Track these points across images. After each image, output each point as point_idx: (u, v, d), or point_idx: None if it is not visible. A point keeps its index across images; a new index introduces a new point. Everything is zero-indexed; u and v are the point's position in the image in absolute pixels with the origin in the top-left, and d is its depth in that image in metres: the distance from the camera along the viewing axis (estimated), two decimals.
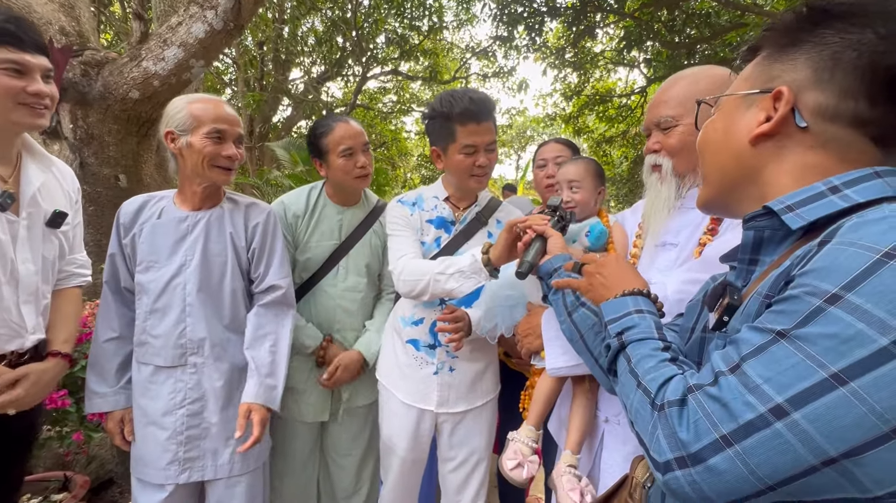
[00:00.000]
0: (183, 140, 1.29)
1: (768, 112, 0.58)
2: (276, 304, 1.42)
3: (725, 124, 0.65)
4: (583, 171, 1.36)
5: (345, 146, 1.57)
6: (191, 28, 2.24)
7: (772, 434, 0.43)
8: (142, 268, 1.34)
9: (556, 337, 1.14)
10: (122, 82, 2.24)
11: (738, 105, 0.63)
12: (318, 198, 1.69)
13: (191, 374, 1.34)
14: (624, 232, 1.30)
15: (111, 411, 1.37)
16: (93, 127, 2.30)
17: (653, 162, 1.13)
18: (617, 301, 0.74)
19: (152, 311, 1.33)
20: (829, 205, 0.52)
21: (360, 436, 1.72)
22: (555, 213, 1.20)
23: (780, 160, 0.59)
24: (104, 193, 2.39)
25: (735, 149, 0.62)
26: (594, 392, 1.21)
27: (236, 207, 1.44)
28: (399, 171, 12.48)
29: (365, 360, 1.61)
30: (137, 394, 1.36)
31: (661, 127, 1.09)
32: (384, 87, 11.00)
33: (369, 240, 1.70)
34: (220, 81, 9.37)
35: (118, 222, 1.37)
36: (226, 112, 1.33)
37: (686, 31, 6.67)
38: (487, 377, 1.52)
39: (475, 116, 1.34)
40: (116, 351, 1.38)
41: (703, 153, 0.69)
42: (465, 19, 8.74)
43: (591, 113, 9.37)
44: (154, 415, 1.32)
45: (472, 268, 1.27)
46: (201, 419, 1.34)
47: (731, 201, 0.66)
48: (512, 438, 1.22)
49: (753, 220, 0.60)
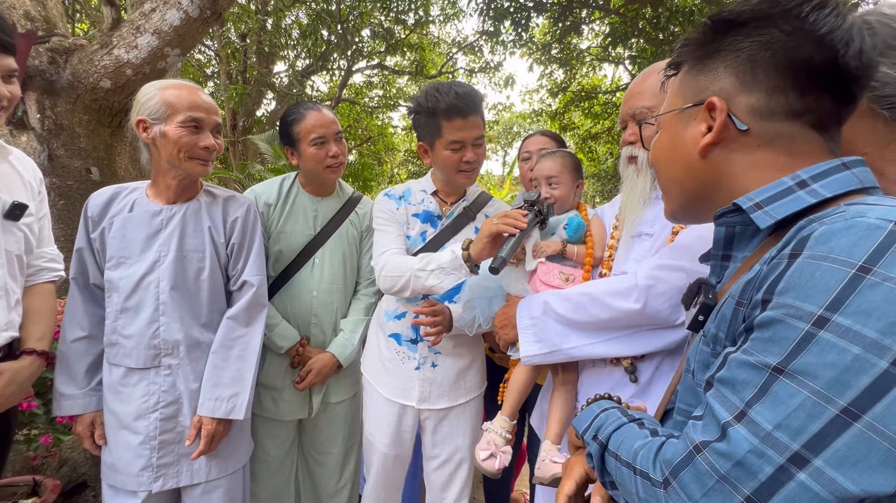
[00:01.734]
0: (156, 129, 1.22)
1: (707, 122, 0.61)
2: (248, 306, 1.36)
3: (671, 140, 0.67)
4: (560, 166, 1.34)
5: (316, 135, 1.52)
6: (165, 15, 2.16)
7: (798, 488, 0.40)
8: (112, 264, 1.27)
9: (530, 325, 1.14)
10: (92, 71, 2.15)
11: (678, 121, 0.66)
12: (290, 187, 1.64)
13: (165, 376, 1.27)
14: (602, 225, 1.30)
15: (81, 414, 1.30)
16: (61, 117, 2.21)
17: (629, 153, 1.13)
18: (583, 413, 0.74)
19: (123, 310, 1.26)
20: (796, 201, 0.53)
21: (340, 433, 1.68)
22: (532, 208, 1.20)
23: (732, 165, 0.60)
24: (75, 187, 2.30)
25: (686, 162, 0.64)
26: (571, 383, 1.21)
27: (214, 201, 1.37)
28: (386, 167, 12.37)
29: (339, 363, 1.58)
30: (108, 397, 1.29)
31: (636, 118, 1.10)
32: (370, 81, 10.87)
33: (346, 230, 1.66)
34: (202, 74, 9.14)
35: (86, 215, 1.30)
36: (202, 99, 1.25)
37: (670, 29, 6.72)
38: (472, 374, 1.50)
39: (461, 111, 1.31)
40: (86, 351, 1.31)
41: (657, 170, 0.72)
42: (451, 14, 8.68)
43: (576, 109, 9.41)
44: (126, 418, 1.26)
45: (453, 264, 1.25)
46: (176, 423, 1.28)
47: (698, 210, 0.68)
48: (486, 429, 1.22)
49: (724, 217, 0.61)
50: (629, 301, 1.02)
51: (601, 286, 1.09)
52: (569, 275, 1.24)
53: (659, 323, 1.02)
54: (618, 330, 1.06)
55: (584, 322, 1.08)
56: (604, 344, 1.07)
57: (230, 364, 1.30)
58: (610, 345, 1.06)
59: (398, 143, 12.73)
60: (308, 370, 1.54)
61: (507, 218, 1.16)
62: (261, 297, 1.39)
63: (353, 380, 1.72)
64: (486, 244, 1.20)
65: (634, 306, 1.01)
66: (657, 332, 1.03)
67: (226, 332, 1.33)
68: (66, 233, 2.31)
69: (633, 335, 1.05)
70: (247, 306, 1.35)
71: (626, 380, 1.10)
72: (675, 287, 0.99)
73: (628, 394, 1.09)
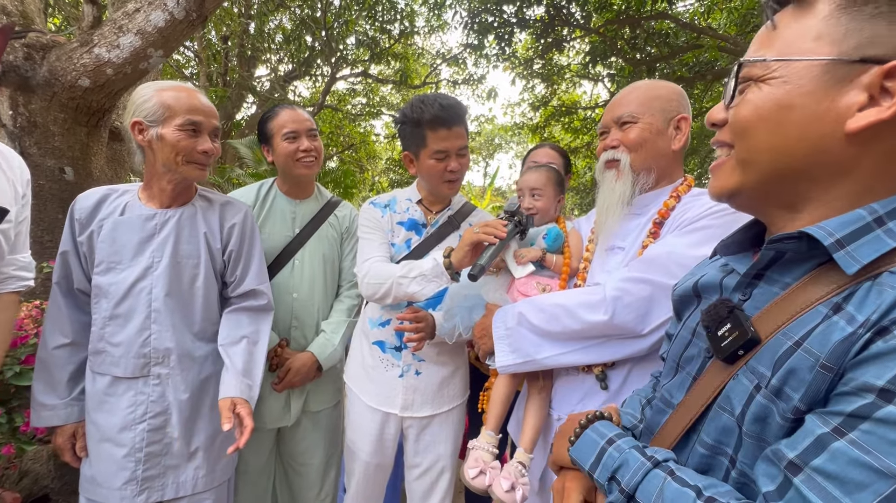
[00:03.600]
0: (153, 132, 1.18)
1: (871, 91, 0.46)
2: (258, 309, 1.35)
3: (796, 100, 0.50)
4: (545, 179, 1.40)
5: (288, 129, 1.54)
6: (149, 16, 2.13)
7: None
8: (101, 269, 1.22)
9: (506, 335, 1.17)
10: (70, 68, 2.10)
11: (818, 76, 0.49)
12: (268, 190, 1.65)
13: (154, 386, 1.22)
14: (579, 236, 1.36)
15: (61, 425, 1.24)
16: (36, 115, 2.14)
17: (609, 157, 1.18)
18: (583, 442, 0.67)
19: (112, 317, 1.21)
20: (877, 241, 0.46)
21: (320, 442, 1.66)
22: (513, 218, 1.23)
23: (878, 158, 0.48)
24: (47, 186, 2.22)
25: (815, 137, 0.49)
26: (547, 390, 1.24)
27: (210, 206, 1.34)
28: (367, 174, 12.33)
29: (319, 365, 1.56)
30: (91, 408, 1.23)
31: (620, 123, 1.16)
32: (354, 88, 10.86)
33: (325, 232, 1.66)
34: (181, 75, 8.96)
35: (73, 217, 1.24)
36: (201, 102, 1.23)
37: (647, 50, 6.99)
38: (455, 381, 1.52)
39: (446, 122, 1.34)
40: (69, 359, 1.25)
41: (750, 133, 0.54)
42: (436, 26, 8.79)
43: (557, 124, 9.63)
44: (109, 430, 1.20)
45: (434, 271, 1.28)
46: (163, 434, 1.23)
47: (767, 199, 0.57)
48: (472, 446, 1.23)
49: (780, 242, 0.53)
50: (598, 313, 1.06)
51: (573, 297, 1.13)
52: (545, 285, 1.28)
53: (626, 333, 1.06)
54: (588, 339, 1.10)
55: (556, 332, 1.12)
56: (575, 353, 1.11)
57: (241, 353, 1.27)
58: (581, 354, 1.10)
59: (380, 151, 12.71)
60: (286, 370, 1.52)
61: (488, 227, 1.20)
62: (270, 304, 1.39)
63: (334, 389, 1.70)
64: (466, 252, 1.23)
65: (603, 317, 1.05)
66: (625, 342, 1.08)
67: (235, 320, 1.31)
68: (35, 233, 2.22)
69: (602, 344, 1.09)
70: (256, 309, 1.35)
71: (597, 387, 1.14)
72: (641, 298, 1.03)
73: (599, 400, 1.13)
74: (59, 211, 2.25)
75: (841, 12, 0.48)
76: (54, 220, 2.25)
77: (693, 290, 0.72)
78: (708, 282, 0.69)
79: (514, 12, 6.58)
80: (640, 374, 1.11)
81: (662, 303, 1.02)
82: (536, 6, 6.45)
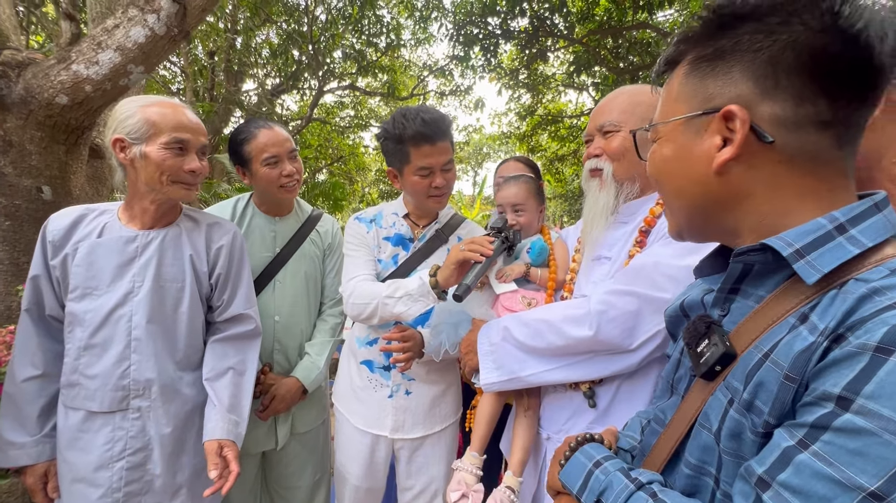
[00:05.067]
0: (136, 150, 1.11)
1: (722, 134, 0.53)
2: (245, 335, 1.28)
3: (676, 152, 0.59)
4: (524, 193, 1.36)
5: (269, 154, 1.46)
6: (129, 32, 2.10)
7: None
8: (76, 295, 1.13)
9: (490, 352, 1.14)
10: (47, 86, 2.05)
11: (683, 130, 0.57)
12: (245, 208, 1.57)
13: (133, 420, 1.14)
14: (565, 247, 1.33)
15: (32, 465, 1.15)
16: (11, 133, 2.08)
17: (593, 166, 1.15)
18: (571, 464, 0.67)
19: (88, 347, 1.13)
20: (839, 249, 0.48)
21: (307, 466, 1.60)
22: (500, 234, 1.21)
23: (752, 183, 0.53)
24: (24, 206, 2.16)
25: (697, 178, 0.57)
26: (535, 409, 1.20)
27: (196, 226, 1.26)
28: (357, 186, 12.30)
29: (304, 388, 1.51)
30: (63, 446, 1.14)
31: (603, 131, 1.13)
32: (341, 101, 10.88)
33: (307, 250, 1.60)
34: (167, 90, 8.90)
35: (45, 239, 1.16)
36: (188, 118, 1.16)
37: (629, 59, 7.12)
38: (447, 401, 1.48)
39: (429, 138, 1.29)
40: (39, 392, 1.16)
41: (660, 184, 0.64)
42: (422, 38, 8.86)
43: (543, 132, 9.73)
44: (84, 470, 1.12)
45: (420, 290, 1.24)
46: (143, 471, 1.15)
47: (705, 229, 0.62)
48: (456, 467, 1.19)
49: (745, 255, 0.54)
50: (583, 328, 1.02)
51: (558, 312, 1.09)
52: (531, 299, 1.25)
53: (612, 348, 1.02)
54: (574, 356, 1.06)
55: (541, 348, 1.08)
56: (561, 370, 1.07)
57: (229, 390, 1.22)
58: (567, 370, 1.06)
59: (369, 163, 12.72)
60: (271, 397, 1.46)
61: (474, 244, 1.17)
62: (259, 329, 1.32)
63: (320, 408, 1.65)
64: (453, 271, 1.20)
65: (587, 333, 1.01)
66: (612, 357, 1.04)
67: (221, 359, 1.24)
68: (12, 255, 2.16)
69: (588, 360, 1.05)
70: (243, 336, 1.28)
71: (585, 405, 1.10)
72: (627, 312, 0.99)
73: (588, 419, 1.09)
74: (36, 231, 2.16)
75: (686, 77, 0.57)
76: (31, 241, 2.18)
77: (681, 310, 0.72)
78: (692, 301, 0.69)
79: (498, 24, 6.66)
80: (629, 391, 1.07)
81: (650, 316, 0.98)
82: (520, 18, 6.54)
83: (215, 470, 1.08)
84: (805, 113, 0.49)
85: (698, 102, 0.55)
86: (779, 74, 0.49)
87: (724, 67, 0.53)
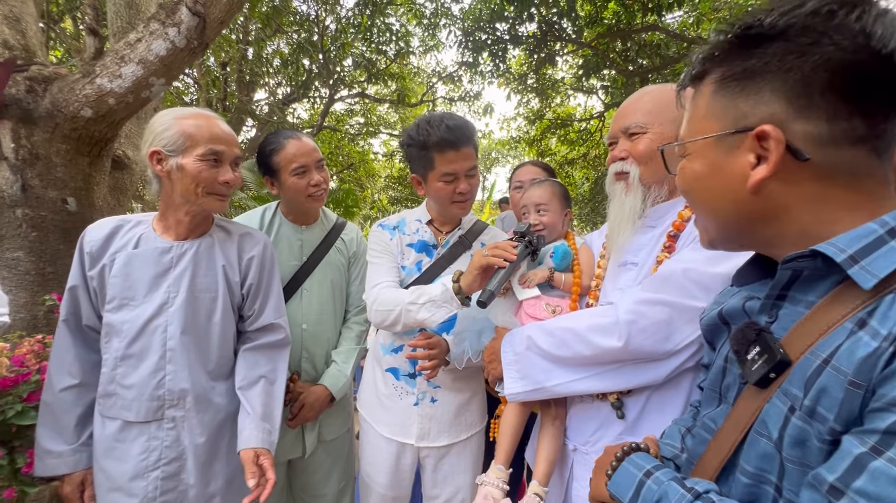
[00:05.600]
0: (172, 161, 1.12)
1: (756, 152, 0.53)
2: (275, 345, 1.29)
3: (707, 169, 0.59)
4: (549, 193, 1.36)
5: (297, 164, 1.48)
6: (151, 45, 2.14)
7: None
8: (113, 306, 1.15)
9: (514, 361, 1.11)
10: (72, 100, 2.10)
11: (715, 147, 0.57)
12: (272, 217, 1.60)
13: (168, 430, 1.15)
14: (590, 253, 1.30)
15: (69, 474, 1.16)
16: (38, 146, 2.13)
17: (619, 169, 1.11)
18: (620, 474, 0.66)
19: (124, 357, 1.14)
20: (892, 254, 0.47)
21: (332, 473, 1.60)
22: (523, 239, 1.20)
23: (789, 198, 0.53)
24: (49, 217, 2.20)
25: (731, 195, 0.57)
26: (561, 419, 1.17)
27: (228, 237, 1.28)
28: (367, 192, 12.38)
29: (332, 396, 1.52)
30: (100, 454, 1.15)
31: (629, 133, 1.09)
32: (352, 109, 10.99)
33: (333, 258, 1.62)
34: (181, 101, 9.06)
35: (82, 250, 1.18)
36: (223, 130, 1.18)
37: (639, 61, 7.09)
38: (473, 408, 1.46)
39: (453, 144, 1.30)
40: (76, 401, 1.18)
41: (692, 200, 0.64)
42: (431, 45, 8.92)
43: (552, 136, 9.71)
44: (120, 479, 1.12)
45: (444, 296, 1.23)
46: (178, 481, 1.15)
47: (739, 240, 0.62)
48: (480, 482, 1.15)
49: (794, 261, 0.54)
50: (612, 338, 0.98)
51: (584, 320, 1.06)
52: (555, 306, 1.23)
53: (644, 357, 0.99)
54: (601, 366, 1.02)
55: (567, 358, 1.05)
56: (588, 380, 1.03)
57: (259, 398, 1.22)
58: (594, 380, 1.03)
59: (379, 169, 12.80)
60: (300, 405, 1.47)
61: (498, 249, 1.15)
62: (288, 339, 1.33)
63: (345, 415, 1.65)
64: (476, 276, 1.18)
65: (616, 344, 0.97)
66: (643, 366, 1.00)
67: (252, 359, 1.25)
68: (38, 265, 2.19)
69: (617, 370, 1.01)
70: (274, 345, 1.29)
71: (613, 416, 1.07)
72: (658, 321, 0.96)
73: (616, 431, 1.06)
74: (61, 242, 2.23)
75: (715, 95, 0.57)
76: (56, 251, 2.23)
77: (720, 319, 0.71)
78: (732, 308, 0.68)
79: (506, 29, 6.69)
80: (659, 402, 1.03)
81: (682, 325, 0.95)
82: (529, 23, 6.56)
83: (253, 478, 1.09)
84: (840, 129, 0.49)
85: (730, 121, 0.55)
86: (812, 94, 0.49)
87: (755, 87, 0.53)
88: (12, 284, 2.16)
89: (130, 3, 2.99)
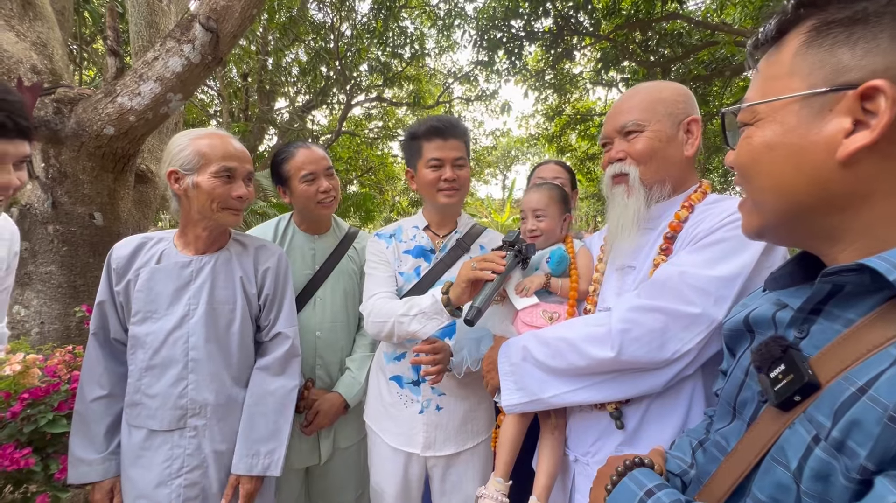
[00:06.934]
0: (188, 180, 1.19)
1: (854, 115, 0.45)
2: (283, 357, 1.32)
3: (782, 137, 0.50)
4: (546, 198, 1.32)
5: (306, 171, 1.53)
6: (167, 62, 2.21)
7: None
8: (137, 318, 1.21)
9: (510, 372, 1.09)
10: (96, 119, 2.19)
11: (797, 111, 0.49)
12: (286, 227, 1.64)
13: (190, 438, 1.20)
14: (589, 256, 1.26)
15: (100, 481, 1.22)
16: (66, 165, 2.23)
17: (616, 171, 1.07)
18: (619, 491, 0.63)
19: (149, 368, 1.20)
20: None
21: (349, 480, 1.62)
22: (512, 248, 1.16)
23: (880, 179, 0.45)
24: (78, 232, 2.31)
25: (812, 169, 0.48)
26: (561, 429, 1.14)
27: (245, 250, 1.33)
28: (387, 195, 12.49)
29: (347, 403, 1.53)
30: (127, 463, 1.21)
31: (624, 132, 1.05)
32: (369, 113, 11.12)
33: (345, 266, 1.64)
34: (205, 113, 9.37)
35: (109, 267, 1.25)
36: (235, 147, 1.24)
37: (660, 51, 6.88)
38: (479, 416, 1.43)
39: (440, 133, 1.35)
40: (106, 411, 1.24)
41: (751, 177, 0.55)
42: (446, 46, 8.93)
43: (572, 132, 9.55)
44: (145, 487, 1.17)
45: (433, 308, 1.22)
46: (200, 489, 1.20)
47: (796, 232, 0.54)
48: (480, 495, 1.12)
49: (836, 275, 0.47)
50: (605, 349, 0.94)
51: (578, 330, 1.02)
52: (553, 313, 1.19)
53: (639, 367, 0.95)
54: (597, 375, 0.99)
55: (562, 369, 1.01)
56: (584, 390, 1.00)
57: (268, 418, 1.25)
58: (590, 391, 0.99)
59: (398, 172, 12.91)
60: (315, 412, 1.49)
61: (485, 262, 1.13)
62: (296, 348, 1.35)
63: (359, 423, 1.66)
64: (464, 289, 1.17)
65: (609, 354, 0.94)
66: (640, 376, 0.96)
67: (260, 384, 1.28)
68: (69, 278, 2.30)
69: (613, 380, 0.98)
70: (282, 357, 1.31)
71: (613, 426, 1.03)
72: (652, 330, 0.91)
73: (616, 441, 1.02)
74: (90, 255, 2.33)
75: (806, 47, 0.48)
76: (86, 264, 2.33)
77: (744, 324, 0.65)
78: (759, 316, 0.62)
79: (522, 26, 6.61)
80: (659, 412, 0.99)
81: (679, 333, 0.90)
82: (544, 18, 6.47)
83: (224, 500, 1.16)
84: None
85: (824, 76, 0.46)
86: None
87: (868, 33, 0.43)
88: (47, 297, 2.27)
89: (151, 23, 3.11)
